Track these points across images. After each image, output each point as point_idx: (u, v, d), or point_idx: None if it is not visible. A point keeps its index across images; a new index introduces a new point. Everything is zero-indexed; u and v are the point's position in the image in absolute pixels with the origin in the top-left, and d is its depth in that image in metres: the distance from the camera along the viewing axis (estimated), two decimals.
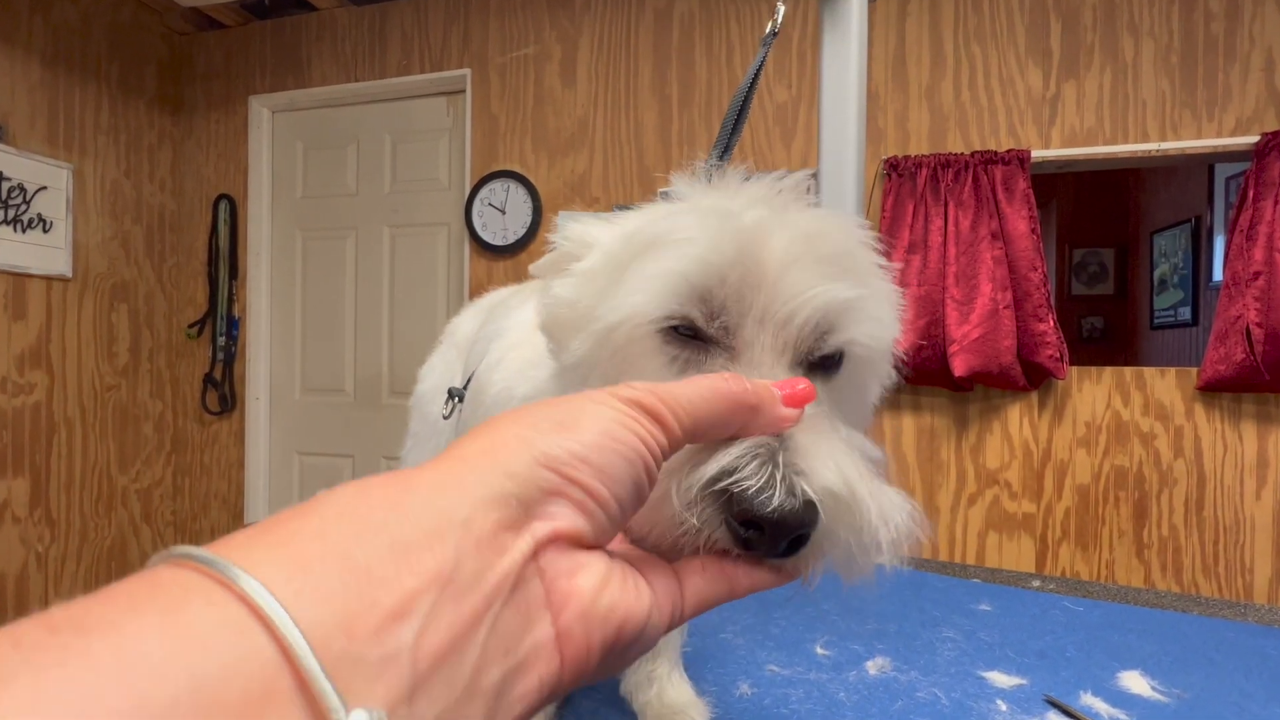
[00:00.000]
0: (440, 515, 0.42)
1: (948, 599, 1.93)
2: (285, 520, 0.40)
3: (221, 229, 6.20)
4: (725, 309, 0.78)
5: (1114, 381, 4.33)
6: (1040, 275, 4.27)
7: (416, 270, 5.86)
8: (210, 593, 0.35)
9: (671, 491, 0.60)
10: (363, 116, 6.01)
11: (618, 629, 0.48)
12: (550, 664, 0.45)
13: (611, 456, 0.49)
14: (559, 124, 5.38)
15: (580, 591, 0.47)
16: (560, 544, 0.47)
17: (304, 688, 0.34)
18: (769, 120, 4.87)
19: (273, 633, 0.34)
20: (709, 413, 0.57)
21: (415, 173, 5.87)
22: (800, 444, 0.64)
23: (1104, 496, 4.32)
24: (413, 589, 0.39)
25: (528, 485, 0.46)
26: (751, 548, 0.61)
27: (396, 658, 0.37)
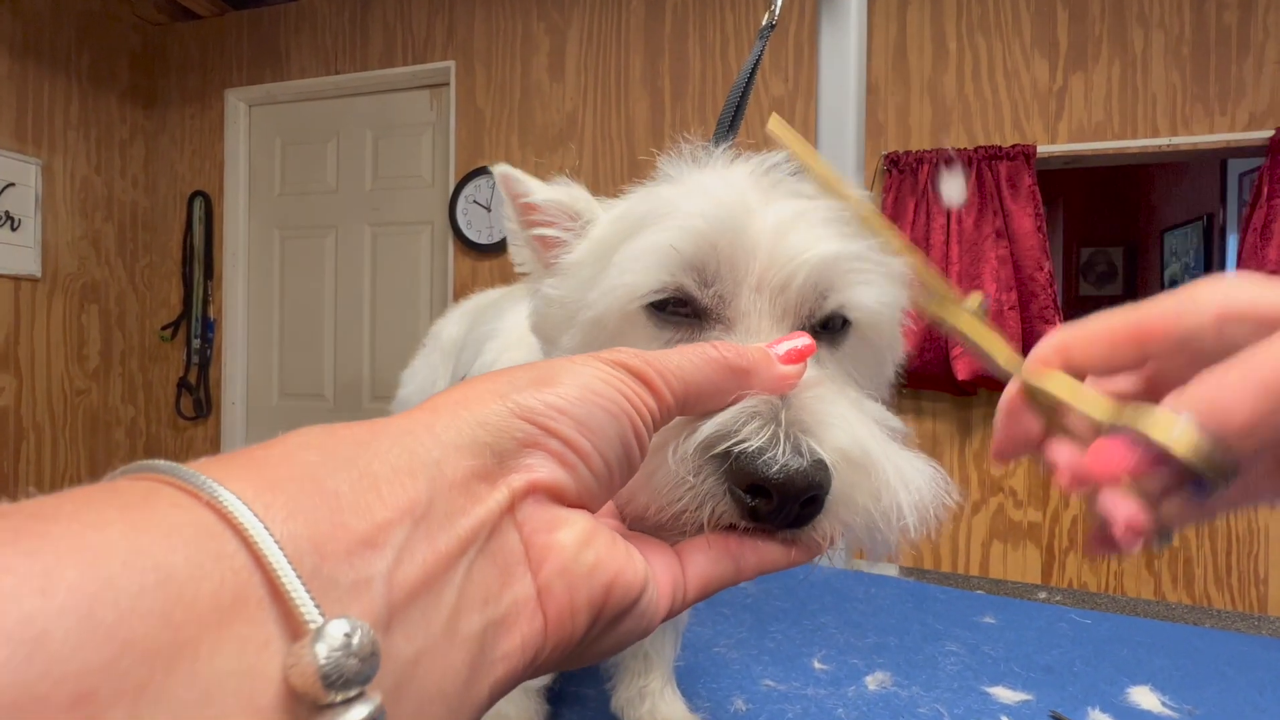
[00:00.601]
0: (411, 455, 0.41)
1: (950, 611, 1.92)
2: (247, 451, 0.39)
3: (196, 227, 6.20)
4: (719, 277, 0.78)
5: None
6: (1046, 275, 4.27)
7: (399, 270, 5.85)
8: (176, 498, 0.34)
9: (668, 458, 0.58)
10: (343, 110, 6.00)
11: (605, 589, 0.47)
12: (533, 623, 0.44)
13: (593, 409, 0.48)
14: (547, 118, 5.38)
15: (560, 546, 0.46)
16: (538, 497, 0.46)
17: (278, 597, 0.33)
18: (765, 114, 4.80)
19: (244, 539, 0.33)
20: (700, 378, 0.56)
21: (397, 169, 5.87)
22: (804, 403, 0.62)
23: None
24: (385, 519, 0.38)
25: (502, 436, 0.45)
26: (759, 518, 0.58)
27: (370, 584, 0.36)
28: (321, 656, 0.32)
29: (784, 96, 4.87)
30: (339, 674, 0.32)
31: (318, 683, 0.32)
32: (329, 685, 0.32)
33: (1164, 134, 4.28)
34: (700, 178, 0.86)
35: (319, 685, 0.32)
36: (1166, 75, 4.30)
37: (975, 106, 4.59)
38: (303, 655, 0.32)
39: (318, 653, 0.32)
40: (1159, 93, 4.31)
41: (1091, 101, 4.41)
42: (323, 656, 0.32)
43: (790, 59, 4.88)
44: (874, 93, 4.70)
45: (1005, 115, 4.54)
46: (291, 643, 0.33)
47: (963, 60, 4.61)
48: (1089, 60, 4.42)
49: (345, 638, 0.33)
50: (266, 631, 0.32)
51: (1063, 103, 4.46)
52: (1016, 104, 4.52)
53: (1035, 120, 4.49)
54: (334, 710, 0.32)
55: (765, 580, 2.05)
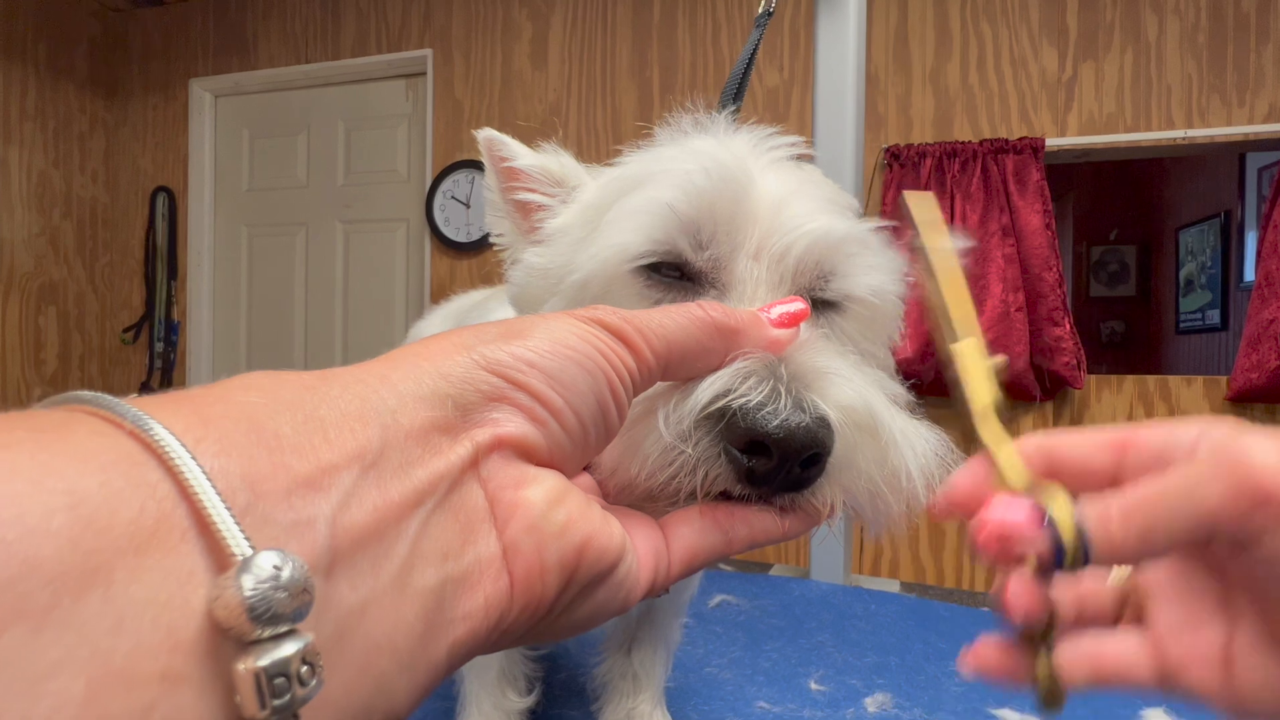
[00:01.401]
0: (363, 402, 0.41)
1: (955, 629, 1.91)
2: (180, 392, 0.38)
3: (159, 224, 6.18)
4: (715, 240, 0.77)
5: (1136, 391, 4.35)
6: (1055, 275, 4.28)
7: (373, 270, 5.84)
8: (96, 425, 0.34)
9: (659, 423, 0.57)
10: (314, 101, 5.99)
11: (577, 551, 0.46)
12: (497, 583, 0.44)
13: (566, 364, 0.48)
14: (529, 109, 5.37)
15: (528, 503, 0.45)
16: (505, 453, 0.46)
17: (205, 529, 0.32)
18: (759, 106, 4.85)
19: (168, 467, 0.33)
20: (684, 338, 0.55)
21: (372, 163, 5.86)
22: (803, 360, 0.61)
23: None
24: (330, 462, 0.38)
25: (465, 388, 0.45)
26: (756, 480, 0.57)
27: (311, 525, 0.36)
28: (248, 588, 0.31)
29: (779, 87, 4.87)
30: (266, 608, 0.32)
31: (243, 615, 0.31)
32: (255, 619, 0.31)
33: (1179, 126, 4.28)
34: (699, 142, 0.85)
35: (244, 618, 0.31)
36: (1182, 64, 4.31)
37: (980, 97, 4.59)
38: (227, 587, 0.31)
39: (243, 584, 0.31)
40: (1174, 83, 4.31)
41: (1103, 92, 4.41)
42: (249, 588, 0.31)
43: (786, 47, 4.88)
44: (874, 83, 4.70)
45: (1012, 106, 4.54)
46: (217, 576, 0.32)
47: (967, 48, 4.62)
48: (1100, 48, 4.43)
49: (275, 570, 0.32)
50: (191, 563, 0.32)
51: (1072, 93, 4.46)
52: (1024, 94, 4.52)
53: (1043, 112, 4.49)
54: (261, 646, 0.32)
55: (760, 597, 2.05)
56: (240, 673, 0.32)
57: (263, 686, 0.32)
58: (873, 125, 4.69)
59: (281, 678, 0.32)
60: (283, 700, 0.32)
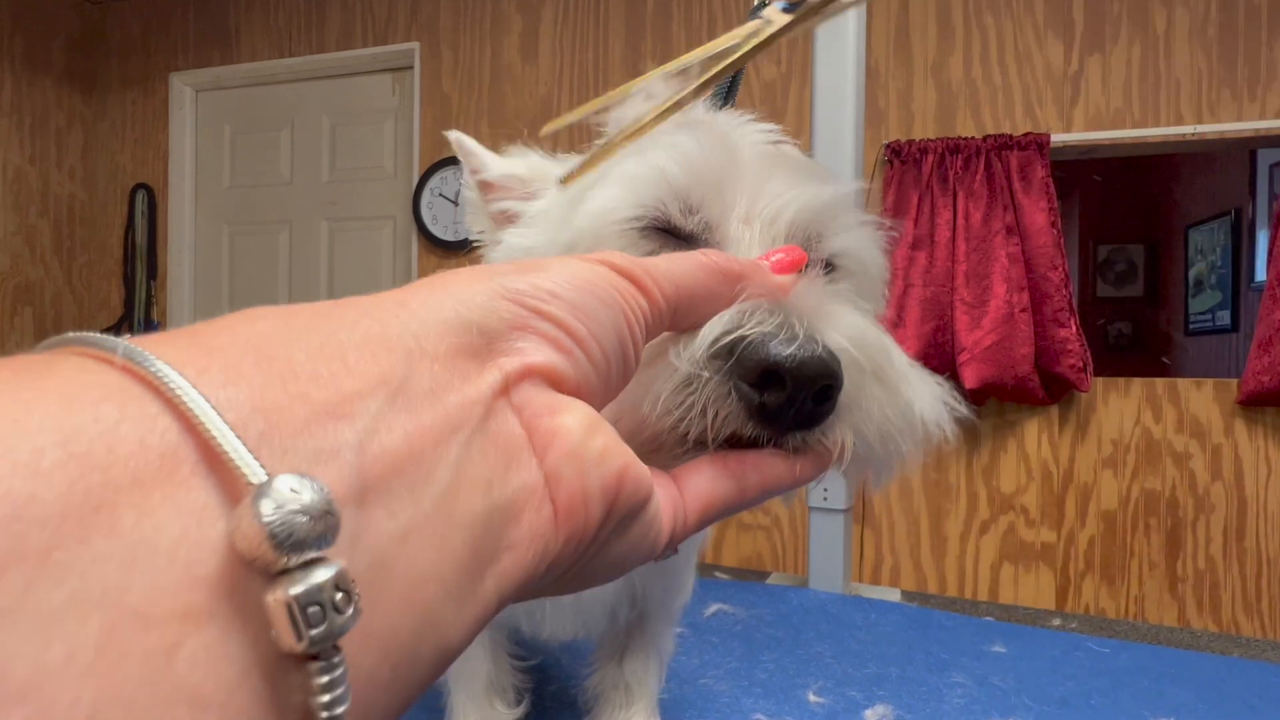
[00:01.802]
0: (384, 327, 0.39)
1: (957, 639, 1.91)
2: (180, 329, 0.36)
3: (139, 223, 6.17)
4: (704, 204, 0.79)
5: (1144, 394, 4.34)
6: (1061, 275, 4.28)
7: (358, 269, 5.83)
8: (83, 363, 0.32)
9: (671, 358, 0.57)
10: (298, 96, 5.98)
11: (618, 478, 0.45)
12: (541, 512, 0.43)
13: (586, 296, 0.47)
14: (519, 104, 5.37)
15: (567, 429, 0.44)
16: (535, 380, 0.44)
17: (215, 463, 0.31)
18: (755, 100, 4.82)
19: (169, 400, 0.31)
20: (692, 281, 0.55)
21: (357, 159, 5.85)
22: (808, 302, 0.61)
23: (1133, 524, 4.32)
24: (353, 389, 0.36)
25: (489, 315, 0.43)
26: (768, 415, 0.57)
27: (335, 454, 0.34)
28: (266, 513, 0.30)
29: (776, 80, 4.87)
30: (288, 533, 0.30)
31: (264, 543, 0.30)
32: (279, 546, 0.30)
33: (1188, 121, 4.29)
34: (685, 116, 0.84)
35: (266, 546, 0.30)
36: (1191, 58, 4.31)
37: (984, 92, 4.59)
38: (245, 515, 0.30)
39: (261, 509, 0.30)
40: (1183, 77, 4.31)
41: (1110, 86, 4.41)
42: (267, 513, 0.30)
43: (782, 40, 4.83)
44: (874, 77, 4.69)
45: (1016, 101, 4.54)
46: (234, 508, 0.31)
47: (970, 42, 4.62)
48: (1107, 41, 4.43)
49: (293, 493, 0.31)
50: (203, 497, 0.30)
51: (1078, 88, 4.46)
52: (1028, 89, 4.52)
53: (1049, 107, 4.49)
54: (289, 576, 0.31)
55: (757, 606, 2.04)
56: (271, 604, 0.31)
57: (296, 616, 0.31)
58: (873, 120, 4.68)
59: (315, 606, 0.31)
60: (320, 630, 0.31)
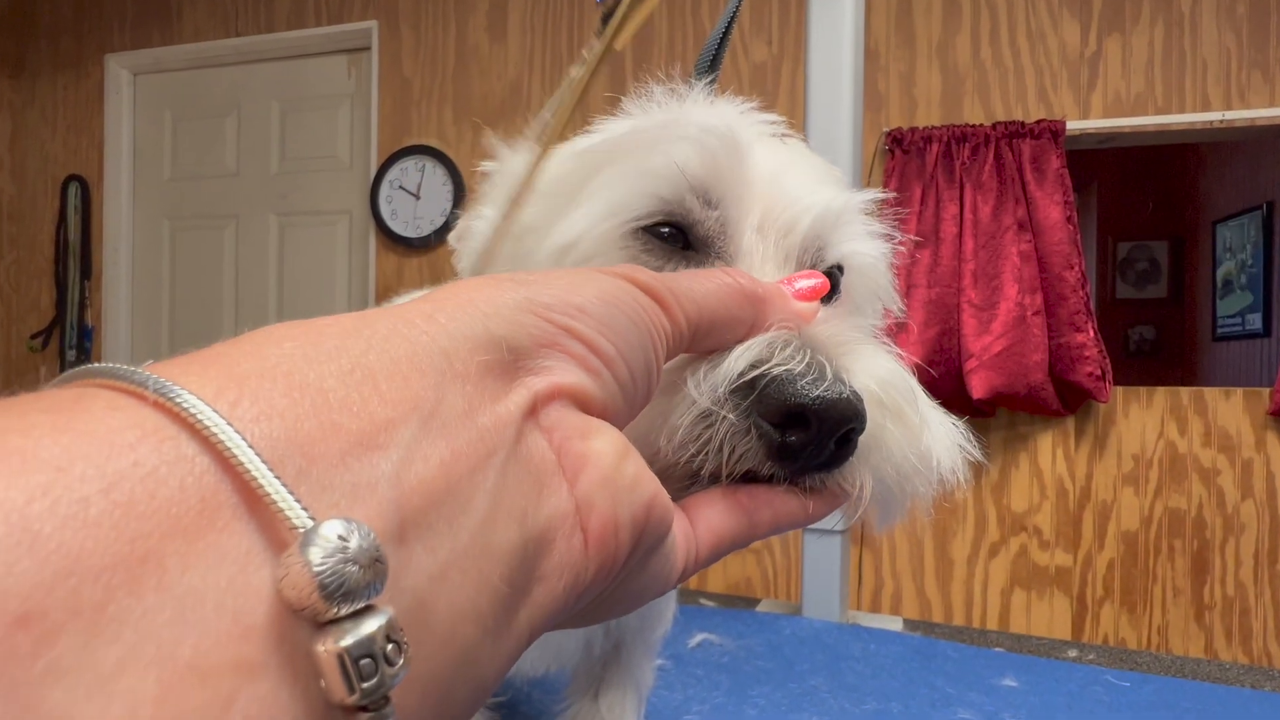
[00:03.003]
0: (412, 345, 0.40)
1: (964, 672, 1.91)
2: (203, 350, 0.37)
3: (72, 218, 6.16)
4: (723, 203, 0.80)
5: (1168, 405, 4.34)
6: (1077, 275, 4.26)
7: (311, 268, 5.84)
8: (115, 400, 0.32)
9: (690, 389, 0.58)
10: (245, 79, 5.98)
11: (647, 508, 0.47)
12: (571, 541, 0.44)
13: (615, 313, 0.48)
14: (486, 88, 5.36)
15: (598, 454, 0.45)
16: (563, 400, 0.45)
17: (255, 504, 0.32)
18: (744, 84, 4.82)
19: (205, 440, 0.32)
20: (715, 304, 0.56)
21: (310, 148, 5.86)
22: (832, 336, 0.63)
23: (1155, 546, 4.32)
24: (386, 418, 0.37)
25: (516, 330, 0.44)
26: (789, 455, 0.58)
27: (374, 488, 0.35)
28: (315, 562, 0.31)
29: (766, 62, 4.87)
30: (339, 582, 0.31)
31: (314, 593, 0.31)
32: (329, 596, 0.31)
33: (1216, 107, 4.28)
34: (685, 110, 0.88)
35: (316, 596, 0.31)
36: (1219, 38, 4.30)
37: (993, 75, 4.58)
38: (293, 564, 0.31)
39: (310, 558, 0.31)
40: (1210, 59, 4.31)
41: (1130, 69, 4.41)
42: (316, 562, 0.31)
43: (774, 17, 4.87)
44: (874, 58, 4.68)
45: (1029, 85, 4.54)
46: (279, 554, 0.32)
47: (978, 20, 4.61)
48: (1127, 20, 4.42)
49: (340, 540, 0.32)
50: (247, 542, 0.31)
51: (1096, 71, 4.45)
52: (1042, 72, 4.52)
53: (1064, 91, 4.49)
54: (339, 626, 0.32)
55: (746, 636, 2.05)
56: (322, 655, 0.32)
57: (348, 669, 0.32)
58: (872, 106, 4.67)
59: (367, 658, 0.32)
60: (372, 683, 0.32)
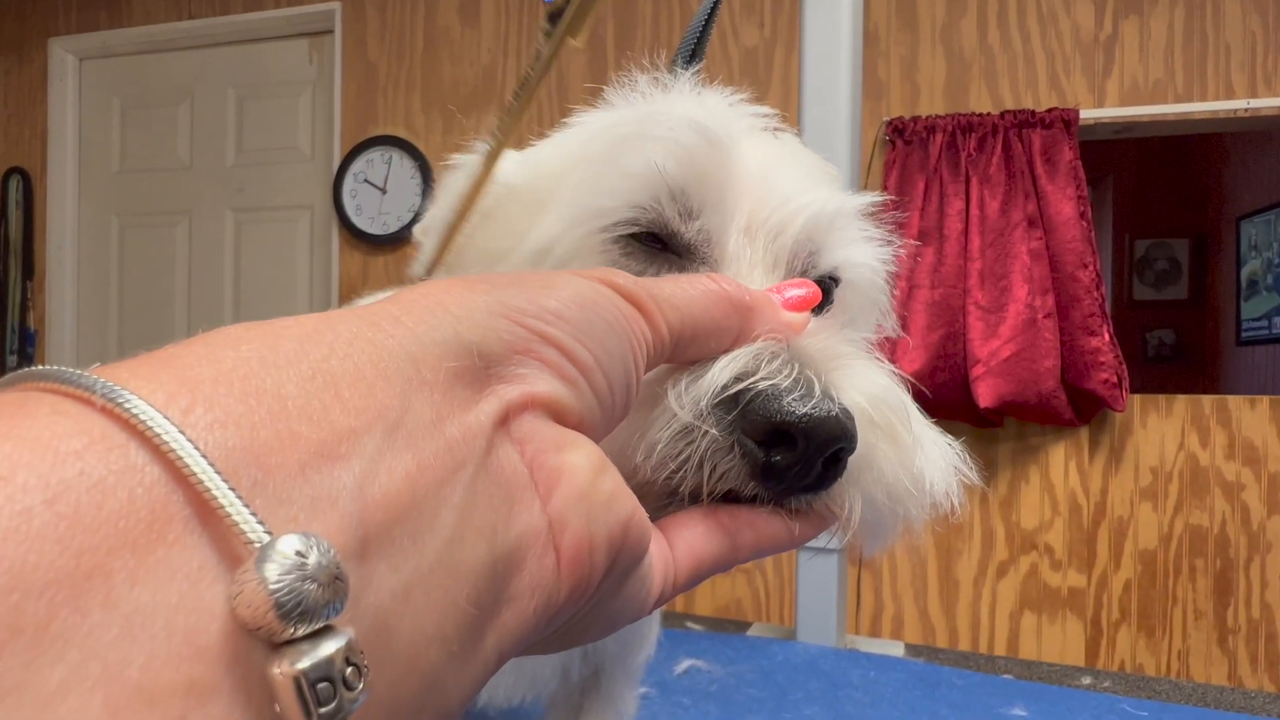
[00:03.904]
0: (377, 349, 0.40)
1: (970, 701, 1.91)
2: (154, 353, 0.37)
3: (12, 213, 6.15)
4: (705, 210, 0.80)
5: (1189, 414, 4.33)
6: (1092, 274, 4.25)
7: (270, 267, 5.84)
8: (60, 404, 0.33)
9: (671, 403, 0.58)
10: (199, 65, 5.96)
11: (624, 527, 0.47)
12: (544, 561, 0.44)
13: (594, 319, 0.48)
14: (457, 74, 5.35)
15: (574, 469, 0.45)
16: (537, 410, 0.45)
17: (208, 517, 0.32)
18: (734, 70, 4.84)
19: (155, 448, 0.32)
20: (699, 312, 0.56)
21: (268, 139, 5.85)
22: (822, 349, 0.63)
23: (1175, 566, 4.32)
24: (348, 427, 0.37)
25: (488, 335, 0.44)
26: (774, 476, 0.58)
27: (334, 501, 0.35)
28: (271, 580, 0.31)
29: (758, 47, 4.86)
30: (296, 601, 0.31)
31: (270, 612, 0.31)
32: (286, 616, 0.31)
33: (1240, 95, 4.28)
34: (670, 102, 0.89)
35: (272, 616, 0.31)
36: (1244, 21, 4.29)
37: (1001, 60, 4.58)
38: (248, 581, 0.31)
39: (266, 575, 0.31)
40: (1233, 42, 4.30)
41: (1149, 54, 4.40)
42: (273, 579, 0.31)
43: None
44: (873, 42, 4.66)
45: (1039, 71, 4.53)
46: (233, 570, 0.32)
47: (985, 1, 4.61)
48: (1145, 1, 4.42)
49: (299, 556, 0.32)
50: (199, 557, 0.31)
51: (1112, 55, 4.45)
52: (1054, 57, 4.51)
53: (1077, 78, 4.48)
54: (295, 647, 0.32)
55: (736, 662, 2.07)
56: (278, 678, 0.31)
57: (305, 693, 0.31)
58: (872, 94, 4.67)
59: (325, 682, 0.32)
60: (330, 708, 0.32)
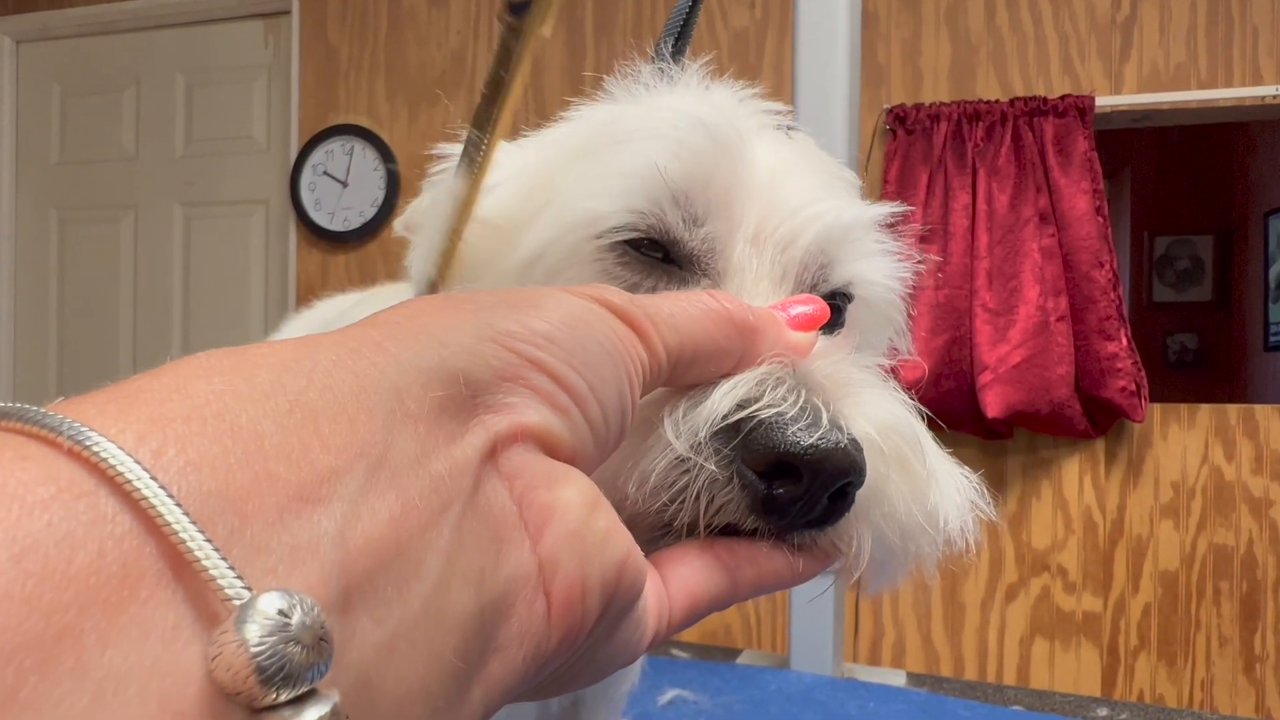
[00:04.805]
0: (358, 378, 0.40)
1: None
2: (121, 385, 0.37)
3: None
4: (710, 216, 0.80)
5: (1213, 424, 4.32)
6: (1108, 274, 4.24)
7: (222, 265, 5.82)
8: (23, 447, 0.32)
9: (667, 431, 0.58)
10: (145, 49, 5.95)
11: (619, 569, 0.47)
12: (534, 607, 0.44)
13: (588, 343, 0.48)
14: (424, 58, 5.34)
15: (566, 507, 0.45)
16: (527, 443, 0.45)
17: (183, 570, 0.31)
18: (723, 53, 4.82)
19: (126, 496, 0.31)
20: (699, 333, 0.56)
21: (220, 128, 5.83)
22: (828, 377, 0.63)
23: (1199, 589, 4.31)
24: (328, 467, 0.37)
25: (474, 361, 0.44)
26: (773, 511, 0.58)
27: (315, 549, 0.35)
28: (253, 640, 0.30)
29: (748, 28, 4.85)
30: (279, 664, 0.31)
31: (251, 676, 0.30)
32: (267, 680, 0.31)
33: (1269, 81, 4.28)
34: (675, 98, 0.88)
35: (253, 681, 0.30)
36: (1272, 0, 4.26)
37: (1011, 43, 4.57)
38: (227, 643, 0.31)
39: (247, 636, 0.30)
40: (1261, 24, 4.29)
41: (1170, 36, 4.39)
42: (254, 641, 0.30)
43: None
44: (872, 24, 4.65)
45: (1052, 55, 4.52)
46: (210, 628, 0.31)
47: None
48: None
49: (281, 616, 0.31)
50: (173, 615, 0.31)
51: (1130, 38, 4.44)
52: (1067, 40, 4.50)
53: (1093, 62, 4.47)
54: (278, 713, 0.31)
55: (725, 692, 2.06)
56: None
57: None
58: (871, 80, 4.65)
59: None
60: None
